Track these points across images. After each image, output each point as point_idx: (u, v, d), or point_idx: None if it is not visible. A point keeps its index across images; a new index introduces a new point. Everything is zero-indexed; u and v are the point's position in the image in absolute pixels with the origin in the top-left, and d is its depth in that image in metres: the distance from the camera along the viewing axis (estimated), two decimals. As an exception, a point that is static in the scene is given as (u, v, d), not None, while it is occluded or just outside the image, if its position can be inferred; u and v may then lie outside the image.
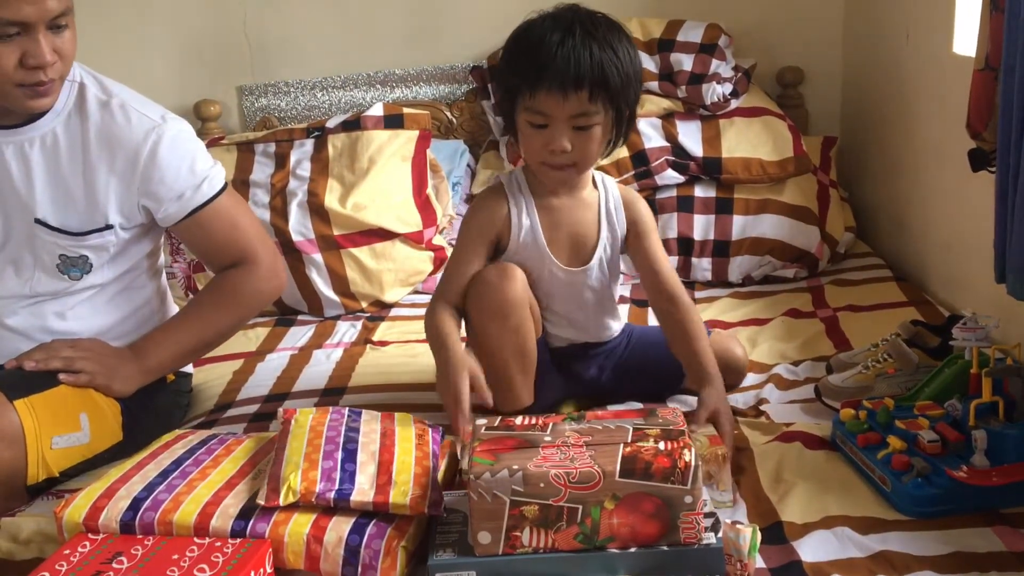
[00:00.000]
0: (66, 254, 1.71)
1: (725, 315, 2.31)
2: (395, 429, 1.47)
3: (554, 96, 1.60)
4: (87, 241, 1.71)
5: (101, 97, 1.69)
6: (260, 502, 1.31)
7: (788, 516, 1.41)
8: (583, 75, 1.59)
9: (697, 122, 2.63)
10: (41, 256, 1.71)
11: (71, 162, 1.67)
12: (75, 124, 1.68)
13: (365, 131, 2.60)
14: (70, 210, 1.69)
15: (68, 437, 1.62)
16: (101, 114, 1.68)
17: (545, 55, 1.60)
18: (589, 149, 1.66)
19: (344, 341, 2.28)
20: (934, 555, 1.31)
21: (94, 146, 1.67)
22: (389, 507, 1.31)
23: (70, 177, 1.68)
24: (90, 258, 1.73)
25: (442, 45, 2.94)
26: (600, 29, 1.64)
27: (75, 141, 1.67)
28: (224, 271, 1.82)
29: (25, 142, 1.67)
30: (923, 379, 1.69)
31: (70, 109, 1.68)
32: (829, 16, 2.94)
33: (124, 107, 1.69)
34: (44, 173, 1.67)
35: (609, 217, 1.78)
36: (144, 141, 1.68)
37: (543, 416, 1.42)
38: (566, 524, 1.26)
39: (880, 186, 2.74)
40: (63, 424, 1.62)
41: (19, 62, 1.54)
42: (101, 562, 1.25)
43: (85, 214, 1.69)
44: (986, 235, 1.72)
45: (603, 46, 1.61)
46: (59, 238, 1.69)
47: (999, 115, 1.60)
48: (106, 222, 1.71)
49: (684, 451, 1.26)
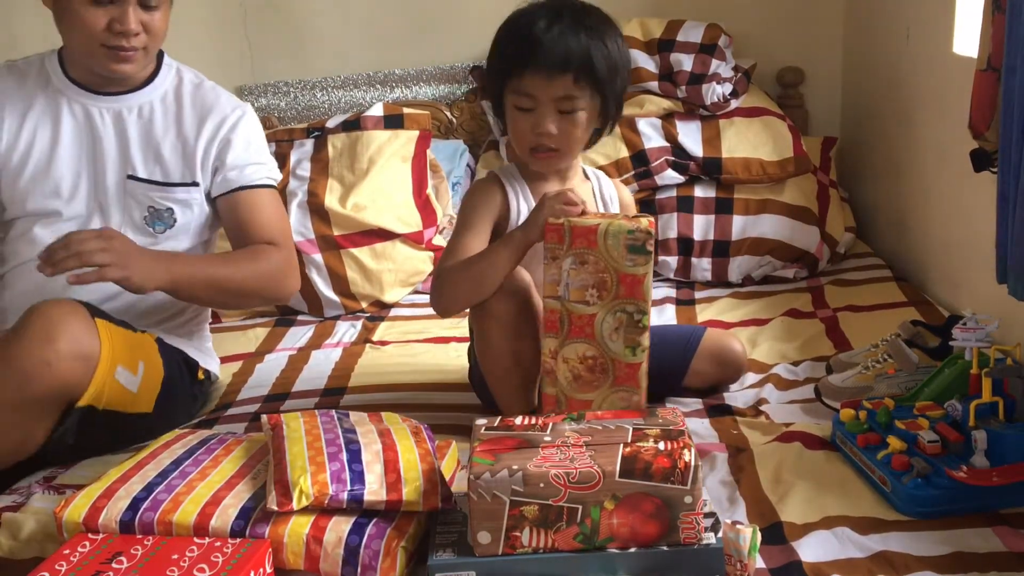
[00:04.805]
0: (155, 206, 1.86)
1: (725, 315, 2.31)
2: (390, 428, 1.47)
3: (540, 77, 1.63)
4: (175, 193, 1.87)
5: (195, 80, 1.93)
6: (273, 507, 1.30)
7: (788, 516, 1.41)
8: (569, 58, 1.63)
9: (697, 122, 2.63)
10: (131, 210, 1.85)
11: (165, 129, 1.87)
12: (171, 100, 1.89)
13: (365, 131, 2.60)
14: (160, 167, 1.86)
15: (127, 374, 1.69)
16: (196, 91, 1.91)
17: (533, 38, 1.64)
18: (573, 134, 1.69)
19: (344, 341, 2.28)
20: (934, 555, 1.30)
21: (188, 114, 1.88)
22: (402, 504, 1.31)
23: (163, 141, 1.86)
24: (175, 211, 1.87)
25: (442, 45, 2.94)
26: (590, 18, 1.67)
27: (170, 112, 1.88)
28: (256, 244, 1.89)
29: (124, 109, 1.86)
30: (923, 379, 1.69)
31: (167, 87, 1.90)
32: (829, 16, 2.94)
33: (215, 88, 1.94)
34: (139, 137, 1.86)
35: (605, 204, 1.81)
36: (232, 112, 1.91)
37: (543, 416, 1.42)
38: (566, 524, 1.26)
39: (880, 186, 2.74)
40: (128, 360, 1.70)
41: (108, 26, 1.73)
42: (101, 562, 1.25)
43: (175, 171, 1.86)
44: (986, 235, 1.72)
45: (591, 33, 1.65)
46: (149, 188, 1.85)
47: (1000, 116, 1.60)
48: (193, 178, 1.87)
49: (684, 451, 1.26)
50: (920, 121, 2.41)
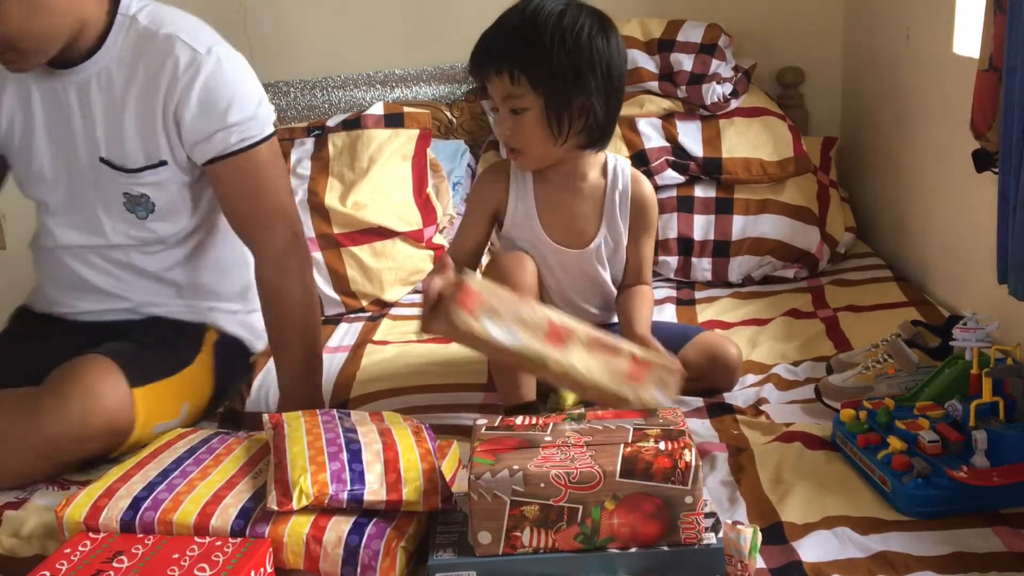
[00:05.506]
0: (128, 192, 1.71)
1: (725, 315, 2.31)
2: (391, 428, 1.47)
3: (485, 79, 1.66)
4: (143, 178, 1.69)
5: (150, 28, 1.66)
6: (273, 507, 1.30)
7: (788, 516, 1.41)
8: (504, 57, 1.62)
9: (697, 122, 2.63)
10: (108, 196, 1.71)
11: (124, 97, 1.66)
12: (127, 59, 1.66)
13: (365, 130, 2.60)
14: (128, 147, 1.68)
15: (166, 424, 1.68)
16: (147, 46, 1.65)
17: (480, 39, 1.66)
18: (522, 133, 1.68)
19: (344, 342, 2.27)
20: (934, 555, 1.31)
21: (140, 77, 1.65)
22: (402, 504, 1.32)
23: (123, 114, 1.67)
24: (150, 196, 1.71)
25: (442, 45, 2.94)
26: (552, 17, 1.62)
27: (127, 76, 1.66)
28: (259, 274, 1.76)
29: (87, 80, 1.66)
30: (923, 379, 1.69)
31: (119, 45, 1.66)
32: (829, 16, 2.94)
33: (169, 38, 1.65)
34: (102, 112, 1.67)
35: (612, 211, 1.79)
36: (186, 69, 1.63)
37: (543, 416, 1.42)
38: (566, 524, 1.26)
39: (880, 186, 2.74)
40: (168, 412, 1.69)
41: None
42: (102, 561, 1.25)
43: (140, 150, 1.68)
44: (986, 235, 1.72)
45: (543, 31, 1.61)
46: (117, 175, 1.69)
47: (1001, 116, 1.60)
48: (159, 158, 1.69)
49: (685, 451, 1.26)
50: (920, 121, 2.41)
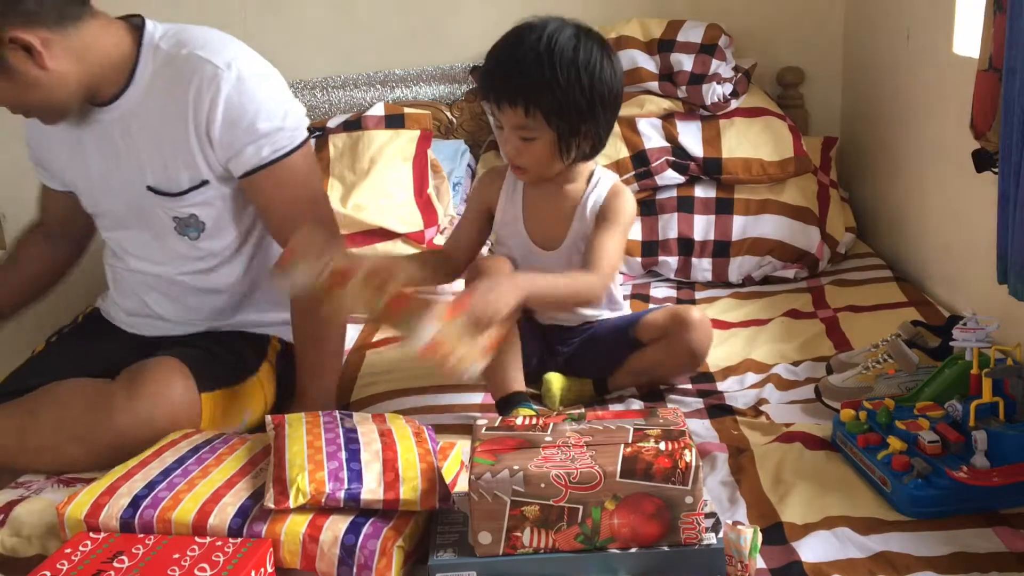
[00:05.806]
0: (177, 215, 1.75)
1: (725, 315, 2.31)
2: (391, 428, 1.47)
3: (496, 106, 1.70)
4: (189, 199, 1.73)
5: (172, 52, 1.68)
6: (270, 505, 1.30)
7: (788, 517, 1.41)
8: (519, 92, 1.66)
9: (697, 122, 2.63)
10: (161, 222, 1.76)
11: (160, 124, 1.69)
12: (156, 86, 1.68)
13: (366, 131, 2.60)
14: (170, 171, 1.71)
15: (228, 431, 1.68)
16: (172, 70, 1.67)
17: (492, 68, 1.70)
18: (534, 159, 1.73)
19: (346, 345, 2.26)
20: (934, 555, 1.31)
21: (171, 103, 1.67)
22: (400, 504, 1.32)
23: (162, 139, 1.69)
24: (199, 216, 1.75)
25: (442, 45, 2.94)
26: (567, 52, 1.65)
27: (160, 104, 1.68)
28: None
29: (126, 114, 1.70)
30: (923, 380, 1.69)
31: (148, 75, 1.69)
32: (829, 16, 2.94)
33: (190, 57, 1.67)
34: (143, 142, 1.71)
35: (583, 213, 1.82)
36: (210, 84, 1.64)
37: (543, 416, 1.42)
38: (567, 524, 1.26)
39: (880, 186, 2.74)
40: (231, 419, 1.72)
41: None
42: (102, 561, 1.26)
43: (183, 173, 1.71)
44: (986, 236, 1.72)
45: (559, 69, 1.64)
46: (166, 200, 1.73)
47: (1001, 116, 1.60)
48: (201, 178, 1.72)
49: (685, 451, 1.26)
50: (920, 121, 2.41)
